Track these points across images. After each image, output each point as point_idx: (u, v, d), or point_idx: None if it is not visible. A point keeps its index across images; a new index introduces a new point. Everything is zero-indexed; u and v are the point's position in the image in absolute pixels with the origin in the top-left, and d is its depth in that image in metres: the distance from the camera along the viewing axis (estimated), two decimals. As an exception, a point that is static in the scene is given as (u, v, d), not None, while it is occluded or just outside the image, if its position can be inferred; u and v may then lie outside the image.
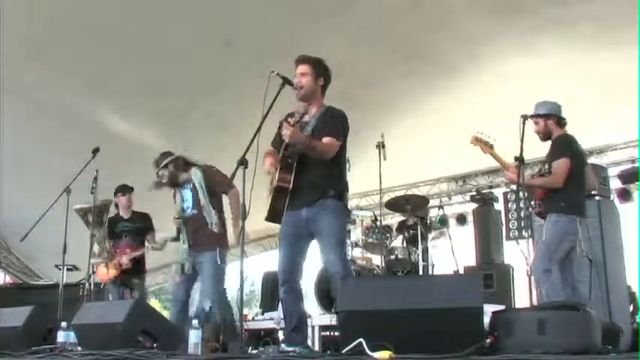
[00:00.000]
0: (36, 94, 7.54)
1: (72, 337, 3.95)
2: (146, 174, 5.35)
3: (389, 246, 7.25)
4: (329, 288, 6.15)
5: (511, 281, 7.51)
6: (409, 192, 9.55)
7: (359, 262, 7.03)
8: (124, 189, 6.49)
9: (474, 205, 9.03)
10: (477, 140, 5.15)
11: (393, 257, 7.06)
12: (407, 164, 8.88)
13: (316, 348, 5.64)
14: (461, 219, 10.18)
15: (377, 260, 7.04)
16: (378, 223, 7.21)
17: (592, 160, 7.46)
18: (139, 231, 6.37)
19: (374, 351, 2.74)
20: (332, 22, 6.84)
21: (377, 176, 6.17)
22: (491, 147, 5.11)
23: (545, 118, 4.96)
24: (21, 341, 4.10)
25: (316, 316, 6.09)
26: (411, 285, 3.25)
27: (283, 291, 3.94)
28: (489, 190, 9.47)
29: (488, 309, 3.21)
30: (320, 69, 4.04)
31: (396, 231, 7.82)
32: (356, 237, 7.46)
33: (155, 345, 3.69)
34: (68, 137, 8.06)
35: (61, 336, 3.95)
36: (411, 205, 7.50)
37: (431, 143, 8.92)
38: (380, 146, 6.21)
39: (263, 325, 6.70)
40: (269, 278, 8.16)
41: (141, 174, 5.62)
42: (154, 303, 14.95)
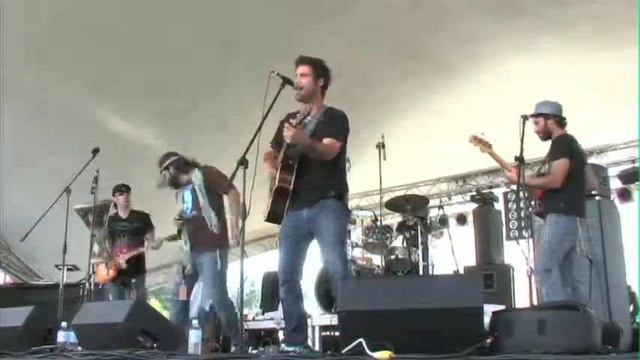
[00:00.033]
0: (36, 94, 7.54)
1: (72, 337, 3.95)
2: (146, 174, 5.35)
3: (389, 246, 7.23)
4: (329, 288, 6.14)
5: (511, 281, 7.50)
6: (409, 192, 9.55)
7: (359, 262, 7.01)
8: (122, 188, 6.47)
9: (474, 205, 9.03)
10: (476, 139, 5.15)
11: (393, 257, 7.05)
12: (407, 164, 8.89)
13: (316, 348, 5.63)
14: (461, 219, 10.19)
15: (377, 260, 7.03)
16: (378, 223, 7.21)
17: (592, 160, 7.46)
18: (137, 231, 6.36)
19: (374, 351, 2.73)
20: (332, 22, 6.84)
21: (377, 176, 6.18)
22: (489, 146, 5.11)
23: (545, 118, 4.95)
24: (21, 341, 4.10)
25: (316, 316, 6.07)
26: (411, 285, 3.25)
27: (283, 291, 3.94)
28: (489, 190, 9.46)
29: (488, 309, 3.21)
30: (320, 70, 4.04)
31: (396, 231, 7.80)
32: (356, 237, 7.44)
33: (155, 345, 3.69)
34: (68, 137, 8.06)
35: (61, 336, 3.96)
36: (411, 205, 7.50)
37: (431, 143, 8.92)
38: (380, 146, 6.22)
39: (263, 325, 6.70)
40: (269, 278, 8.16)
41: (141, 174, 5.64)
42: (154, 303, 14.95)
